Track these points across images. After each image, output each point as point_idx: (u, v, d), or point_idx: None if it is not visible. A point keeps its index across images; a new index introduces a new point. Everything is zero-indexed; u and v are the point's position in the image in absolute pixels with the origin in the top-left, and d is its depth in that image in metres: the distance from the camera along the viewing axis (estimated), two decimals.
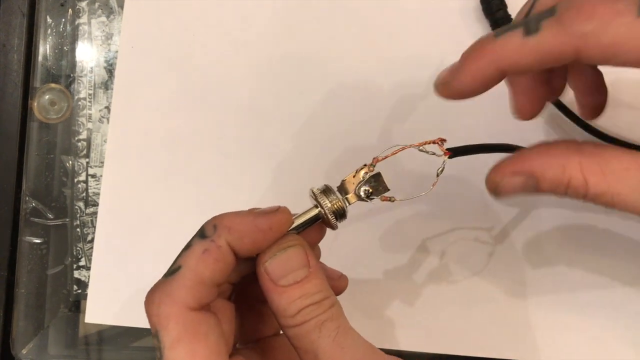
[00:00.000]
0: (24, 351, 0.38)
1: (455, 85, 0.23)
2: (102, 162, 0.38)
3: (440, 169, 0.26)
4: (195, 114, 0.37)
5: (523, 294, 0.36)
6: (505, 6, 0.36)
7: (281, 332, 0.28)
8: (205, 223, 0.24)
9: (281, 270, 0.23)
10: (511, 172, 0.24)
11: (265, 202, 0.33)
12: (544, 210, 0.36)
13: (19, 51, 0.38)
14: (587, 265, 0.36)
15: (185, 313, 0.22)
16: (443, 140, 0.26)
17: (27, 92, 0.39)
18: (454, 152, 0.26)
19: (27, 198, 0.38)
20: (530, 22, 0.21)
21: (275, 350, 0.27)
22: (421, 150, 0.26)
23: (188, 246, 0.23)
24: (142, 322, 0.37)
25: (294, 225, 0.25)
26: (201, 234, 0.23)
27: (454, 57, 0.37)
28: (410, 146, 0.25)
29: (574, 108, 0.36)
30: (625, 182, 0.22)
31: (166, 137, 0.37)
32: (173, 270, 0.23)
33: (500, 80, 0.23)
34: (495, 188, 0.25)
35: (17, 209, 0.38)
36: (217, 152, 0.37)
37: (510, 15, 0.36)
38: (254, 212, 0.24)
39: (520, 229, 0.36)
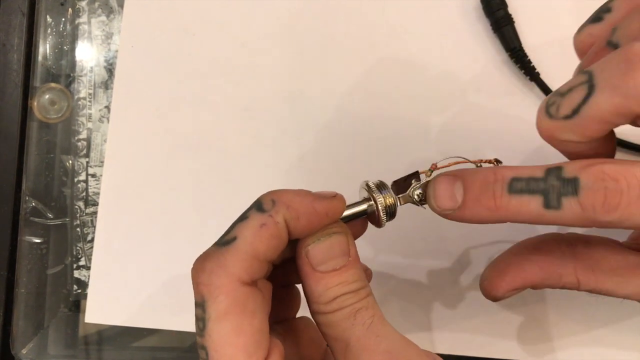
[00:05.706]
0: (24, 351, 0.38)
1: (456, 217, 0.24)
2: (102, 162, 0.38)
3: None
4: (195, 114, 0.37)
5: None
6: (505, 5, 0.36)
7: (297, 315, 0.28)
8: (263, 196, 0.23)
9: (322, 256, 0.23)
10: (510, 289, 0.27)
11: None
12: None
13: (18, 51, 0.38)
14: None
15: (237, 286, 0.21)
16: (499, 162, 0.26)
17: (27, 91, 0.38)
18: None
19: (27, 198, 0.38)
20: (551, 196, 0.21)
21: (295, 332, 0.27)
22: (478, 167, 0.26)
23: (244, 217, 0.22)
24: (142, 322, 0.37)
25: (342, 215, 0.24)
26: (258, 207, 0.22)
27: (454, 57, 0.37)
28: (468, 161, 0.26)
29: None
30: (611, 280, 0.26)
31: (166, 137, 0.37)
32: (228, 241, 0.22)
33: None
34: (491, 298, 0.28)
35: (17, 209, 0.38)
36: (217, 152, 0.37)
37: (510, 15, 0.36)
38: (312, 194, 0.23)
39: None
